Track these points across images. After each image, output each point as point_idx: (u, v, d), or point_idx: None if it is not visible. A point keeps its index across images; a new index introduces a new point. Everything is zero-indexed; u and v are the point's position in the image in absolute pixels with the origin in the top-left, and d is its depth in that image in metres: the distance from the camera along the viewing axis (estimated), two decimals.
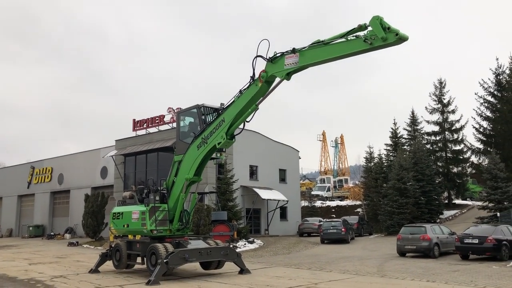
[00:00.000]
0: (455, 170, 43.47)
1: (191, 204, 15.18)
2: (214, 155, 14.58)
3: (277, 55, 11.90)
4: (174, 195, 14.50)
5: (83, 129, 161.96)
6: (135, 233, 15.14)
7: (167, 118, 34.41)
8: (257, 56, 12.03)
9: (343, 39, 10.22)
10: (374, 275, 14.29)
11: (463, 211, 39.67)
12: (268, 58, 12.02)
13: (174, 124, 33.18)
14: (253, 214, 36.17)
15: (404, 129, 46.65)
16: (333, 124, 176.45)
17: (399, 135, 45.92)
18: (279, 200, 36.63)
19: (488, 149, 33.66)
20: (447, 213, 38.14)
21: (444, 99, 44.25)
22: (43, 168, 47.72)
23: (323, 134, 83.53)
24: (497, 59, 36.70)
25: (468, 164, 42.13)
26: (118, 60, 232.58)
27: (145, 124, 35.78)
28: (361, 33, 9.91)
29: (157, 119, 34.96)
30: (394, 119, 46.09)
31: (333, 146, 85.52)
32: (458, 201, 44.61)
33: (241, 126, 13.53)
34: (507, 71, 35.79)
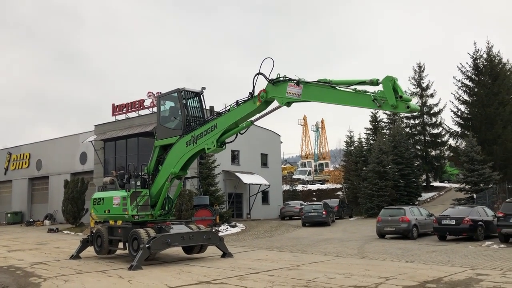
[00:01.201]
0: (433, 153, 44.27)
1: (175, 192, 15.12)
2: None
3: (280, 78, 11.31)
4: (158, 183, 14.39)
5: (61, 114, 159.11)
6: (117, 219, 15.03)
7: (147, 103, 33.98)
8: (259, 73, 11.58)
9: (351, 89, 9.63)
10: (355, 257, 14.54)
11: (441, 193, 40.51)
12: (270, 79, 11.47)
13: (155, 109, 32.81)
14: (235, 198, 36.28)
15: (384, 113, 47.19)
16: (313, 108, 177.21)
17: (379, 119, 46.45)
18: (260, 185, 36.79)
19: (466, 132, 34.29)
20: (425, 195, 38.91)
21: (423, 83, 44.80)
22: (20, 154, 46.80)
23: (304, 118, 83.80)
24: (475, 43, 37.36)
25: (446, 147, 42.92)
26: (94, 42, 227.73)
27: (124, 109, 35.26)
28: (370, 89, 9.29)
29: (136, 104, 34.49)
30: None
31: (314, 131, 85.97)
32: (436, 184, 45.56)
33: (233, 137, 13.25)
34: (484, 55, 36.31)
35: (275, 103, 11.88)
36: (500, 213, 17.20)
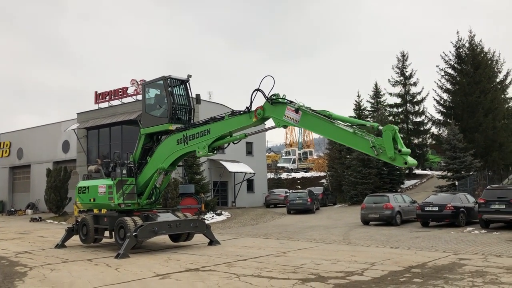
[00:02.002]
0: (416, 141, 44.85)
1: (163, 183, 15.06)
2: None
3: (279, 99, 10.94)
4: (145, 174, 14.30)
5: (40, 102, 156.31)
6: (102, 207, 14.93)
7: (130, 91, 33.56)
8: (258, 90, 11.18)
9: (350, 129, 9.29)
10: (340, 243, 14.73)
11: (423, 181, 41.15)
12: (269, 98, 11.10)
13: (138, 97, 32.53)
14: (220, 186, 36.30)
15: (368, 101, 47.60)
16: (298, 97, 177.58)
17: (362, 107, 46.81)
18: (246, 173, 36.86)
19: (448, 120, 34.80)
20: (408, 183, 39.48)
21: (406, 71, 45.22)
22: (0, 143, 45.95)
23: None
24: (457, 32, 37.58)
25: (428, 135, 43.52)
26: (74, 28, 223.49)
27: (107, 97, 34.79)
28: (369, 137, 8.92)
29: (120, 92, 34.04)
30: (358, 92, 46.83)
31: None
32: (418, 171, 46.22)
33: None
34: (467, 45, 36.72)
35: (271, 121, 11.54)
36: (481, 199, 17.56)
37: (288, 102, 10.83)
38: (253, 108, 11.60)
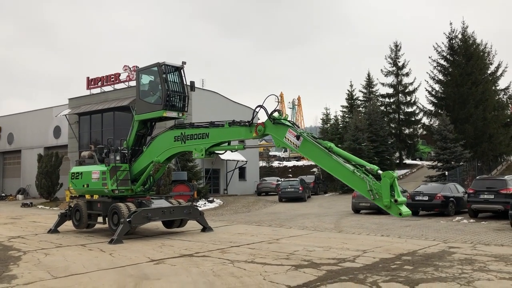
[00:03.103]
0: (407, 131, 45.22)
1: (158, 172, 15.10)
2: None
3: (281, 120, 10.68)
4: (140, 164, 14.30)
5: (29, 87, 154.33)
6: (96, 193, 14.96)
7: (123, 77, 33.42)
8: (261, 107, 10.88)
9: (350, 166, 9.06)
10: (332, 231, 14.92)
11: (413, 171, 41.59)
12: (271, 117, 10.86)
13: (131, 83, 32.40)
14: (212, 174, 36.40)
15: (360, 91, 47.79)
16: (290, 85, 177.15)
17: (355, 97, 46.97)
18: (238, 161, 36.97)
19: (439, 111, 35.04)
20: (398, 172, 39.83)
21: (399, 62, 45.38)
22: None
23: (281, 95, 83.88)
24: (450, 23, 37.94)
25: (419, 126, 43.87)
26: (62, 12, 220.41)
27: (99, 83, 34.59)
28: (367, 180, 8.69)
29: (112, 77, 33.85)
30: (351, 81, 46.94)
31: (290, 108, 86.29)
32: (408, 161, 46.70)
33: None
34: (460, 36, 36.88)
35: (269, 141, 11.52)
36: (470, 189, 17.84)
37: (291, 125, 10.65)
38: (254, 124, 11.44)
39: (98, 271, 8.74)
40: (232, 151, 13.17)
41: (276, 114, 10.87)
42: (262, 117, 11.44)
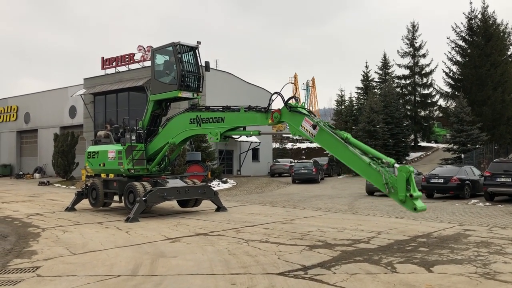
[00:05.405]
0: (422, 113, 44.73)
1: (174, 153, 15.19)
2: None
3: (298, 108, 10.49)
4: (156, 145, 14.41)
5: (43, 65, 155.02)
6: (112, 172, 15.12)
7: (137, 57, 33.39)
8: (278, 94, 10.74)
9: (366, 158, 8.81)
10: (346, 212, 14.93)
11: (428, 153, 41.23)
12: (288, 104, 10.58)
13: (145, 63, 32.42)
14: (226, 155, 36.54)
15: (376, 72, 47.23)
16: (304, 66, 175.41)
17: (370, 78, 46.43)
18: (251, 142, 36.99)
19: (456, 93, 34.55)
20: (413, 155, 39.61)
21: (416, 42, 44.68)
22: (7, 107, 46.15)
23: (295, 76, 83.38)
24: (470, 3, 37.20)
25: (435, 108, 43.32)
26: None
27: (114, 63, 34.65)
28: (383, 173, 8.38)
29: (127, 58, 33.87)
30: (366, 62, 46.34)
31: (304, 89, 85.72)
32: (423, 144, 46.29)
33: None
34: (479, 16, 36.04)
35: (285, 129, 11.37)
36: (487, 172, 17.63)
37: (307, 113, 10.47)
38: (270, 110, 11.27)
39: (115, 248, 8.89)
40: (247, 136, 13.14)
41: (292, 102, 10.75)
42: (277, 105, 11.33)
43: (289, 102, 10.71)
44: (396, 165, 8.51)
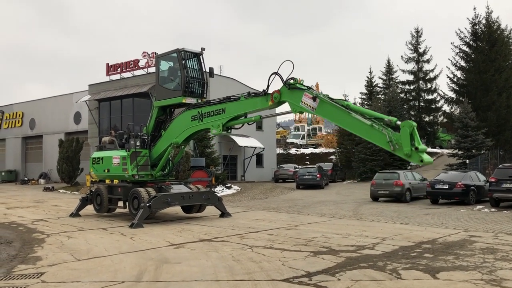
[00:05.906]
0: (426, 119, 44.61)
1: (177, 156, 15.21)
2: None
3: (297, 85, 10.60)
4: (159, 148, 14.45)
5: (48, 71, 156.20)
6: (116, 178, 15.18)
7: (142, 63, 33.56)
8: (276, 74, 10.90)
9: (367, 121, 8.94)
10: (351, 218, 14.88)
11: (433, 159, 41.03)
12: (286, 82, 10.75)
13: (149, 69, 32.55)
14: (230, 160, 36.53)
15: (380, 77, 47.25)
16: (308, 71, 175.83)
17: (374, 83, 46.43)
18: (255, 147, 37.00)
19: (461, 98, 34.42)
20: None
21: (420, 48, 44.66)
22: (13, 113, 46.43)
23: (299, 82, 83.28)
24: (474, 8, 36.90)
25: (439, 113, 43.22)
26: None
27: (119, 69, 34.82)
28: (386, 132, 8.59)
29: (131, 64, 34.04)
30: (370, 68, 46.34)
31: None
32: (428, 149, 46.05)
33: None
34: (483, 21, 36.00)
35: (287, 105, 11.42)
36: (492, 178, 17.55)
37: (306, 88, 10.58)
38: (270, 91, 11.38)
39: (119, 254, 8.89)
40: (248, 124, 13.14)
41: (291, 81, 10.86)
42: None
43: (288, 81, 10.83)
44: (398, 122, 8.66)
